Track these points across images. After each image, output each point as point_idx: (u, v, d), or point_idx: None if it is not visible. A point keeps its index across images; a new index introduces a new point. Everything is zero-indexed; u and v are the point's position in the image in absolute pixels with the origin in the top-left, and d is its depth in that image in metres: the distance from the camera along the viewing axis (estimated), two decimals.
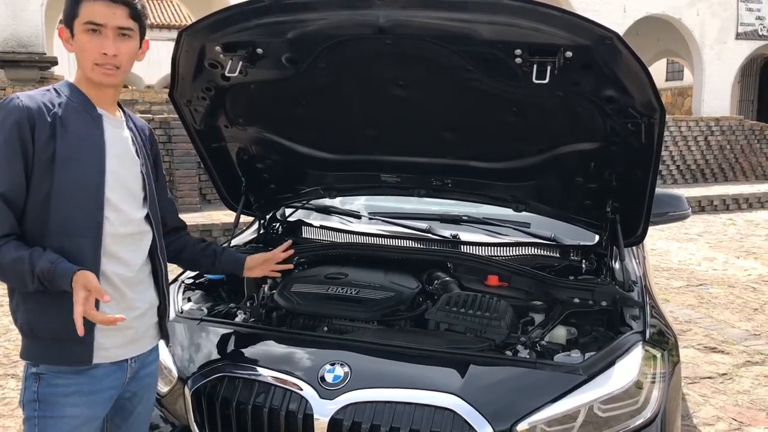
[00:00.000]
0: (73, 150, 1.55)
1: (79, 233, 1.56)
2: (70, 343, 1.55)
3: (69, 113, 1.58)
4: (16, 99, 1.55)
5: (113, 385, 1.68)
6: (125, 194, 1.67)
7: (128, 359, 1.71)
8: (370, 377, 1.89)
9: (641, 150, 2.11)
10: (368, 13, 1.92)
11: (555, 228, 2.78)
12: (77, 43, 1.59)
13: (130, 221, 1.67)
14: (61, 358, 1.58)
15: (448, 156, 2.54)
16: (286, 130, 2.59)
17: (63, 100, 1.60)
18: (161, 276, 1.80)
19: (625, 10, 14.46)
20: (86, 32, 1.57)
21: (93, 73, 1.60)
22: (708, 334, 4.79)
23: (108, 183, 1.61)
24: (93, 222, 1.58)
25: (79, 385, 1.60)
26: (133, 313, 1.68)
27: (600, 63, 1.87)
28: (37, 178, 1.53)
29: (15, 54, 10.30)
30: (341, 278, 2.44)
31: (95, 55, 1.57)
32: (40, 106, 1.55)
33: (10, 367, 4.00)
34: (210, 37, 2.11)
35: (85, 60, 1.59)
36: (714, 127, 13.64)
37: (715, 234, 9.14)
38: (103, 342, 1.62)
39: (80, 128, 1.58)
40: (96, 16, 1.56)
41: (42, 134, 1.52)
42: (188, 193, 9.18)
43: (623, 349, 1.97)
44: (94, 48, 1.57)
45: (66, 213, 1.54)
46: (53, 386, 1.58)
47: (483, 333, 2.14)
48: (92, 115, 1.63)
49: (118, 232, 1.64)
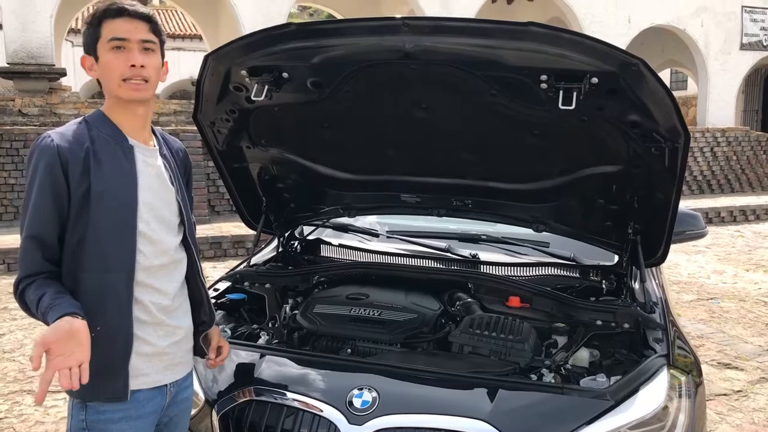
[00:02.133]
0: (107, 184, 1.56)
1: (112, 268, 1.56)
2: (105, 380, 1.56)
3: (101, 146, 1.58)
4: (47, 138, 1.55)
5: (155, 410, 1.69)
6: (159, 225, 1.66)
7: (167, 384, 1.72)
8: (398, 402, 1.89)
9: (664, 173, 2.12)
10: (395, 39, 1.94)
11: (574, 248, 2.78)
12: (103, 65, 1.59)
13: (164, 252, 1.67)
14: (97, 394, 1.58)
15: (469, 177, 2.55)
16: (308, 151, 2.60)
17: (95, 133, 1.59)
18: (204, 297, 1.82)
19: (629, 21, 14.50)
20: (111, 50, 1.57)
21: (121, 90, 1.59)
22: (721, 349, 4.78)
23: (141, 216, 1.61)
24: (126, 257, 1.58)
25: (125, 411, 1.61)
26: (171, 339, 1.69)
27: (625, 88, 1.89)
28: (75, 215, 1.53)
29: (24, 65, 10.36)
30: (363, 299, 2.45)
31: (123, 69, 1.57)
32: (72, 143, 1.55)
33: (26, 383, 4.01)
34: (236, 61, 2.14)
35: (113, 78, 1.58)
36: (720, 138, 13.64)
37: (724, 246, 9.13)
38: (142, 368, 1.63)
39: (112, 162, 1.58)
40: (119, 31, 1.57)
41: (75, 172, 1.53)
42: (197, 205, 9.19)
43: (649, 374, 1.97)
44: (120, 63, 1.57)
45: (100, 248, 1.55)
46: (100, 413, 1.59)
47: (507, 356, 2.15)
48: (123, 147, 1.62)
49: (152, 265, 1.64)
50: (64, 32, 14.26)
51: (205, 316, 1.83)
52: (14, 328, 5.17)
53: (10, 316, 5.50)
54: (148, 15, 1.61)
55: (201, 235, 7.92)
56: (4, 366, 4.32)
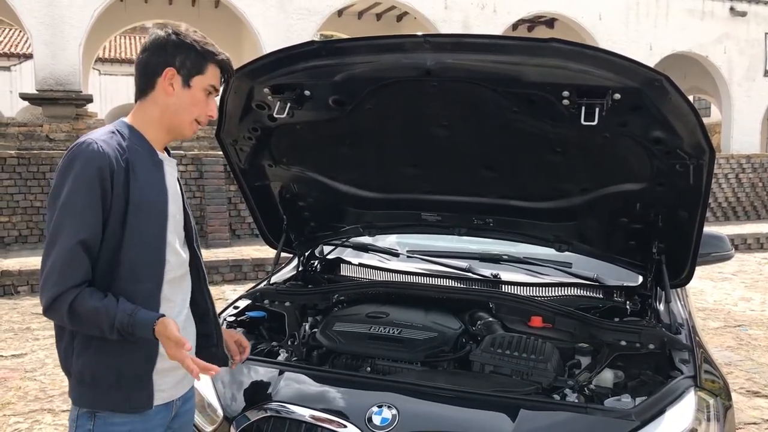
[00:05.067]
0: (143, 195, 1.57)
1: (143, 279, 1.57)
2: (131, 390, 1.57)
3: (137, 158, 1.59)
4: (94, 144, 1.52)
5: (161, 423, 1.69)
6: (178, 237, 1.68)
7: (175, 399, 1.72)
8: (418, 420, 1.86)
9: (689, 191, 2.09)
10: (416, 57, 1.95)
11: (596, 268, 2.74)
12: (190, 96, 1.62)
13: (183, 263, 1.69)
14: (122, 405, 1.58)
15: (490, 195, 2.54)
16: (329, 169, 2.61)
17: (129, 144, 1.60)
18: (210, 308, 1.81)
19: (651, 48, 14.49)
20: (205, 92, 1.64)
21: (189, 128, 1.66)
22: (750, 377, 4.66)
23: (169, 227, 1.62)
24: (157, 267, 1.59)
25: (133, 425, 1.60)
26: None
27: (649, 105, 1.87)
28: (113, 225, 1.52)
29: (53, 92, 10.61)
30: (382, 317, 2.43)
31: (203, 115, 1.65)
32: (116, 151, 1.54)
33: (46, 402, 4.02)
34: (259, 79, 2.16)
35: (188, 114, 1.63)
36: (745, 165, 13.49)
37: (751, 273, 8.95)
38: (160, 384, 1.63)
39: (147, 173, 1.60)
40: (217, 81, 1.66)
41: (119, 180, 1.52)
42: (219, 229, 9.27)
43: (675, 395, 1.92)
44: (207, 109, 1.65)
45: (133, 258, 1.55)
46: (109, 425, 1.58)
47: (529, 376, 2.11)
48: (154, 160, 1.64)
49: (175, 275, 1.65)
50: (92, 60, 14.61)
51: (210, 328, 1.81)
52: (36, 348, 5.21)
53: (32, 336, 5.55)
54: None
55: (222, 258, 7.96)
56: (26, 385, 4.35)
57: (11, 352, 5.12)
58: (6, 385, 4.37)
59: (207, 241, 8.76)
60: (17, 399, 4.09)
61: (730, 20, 15.10)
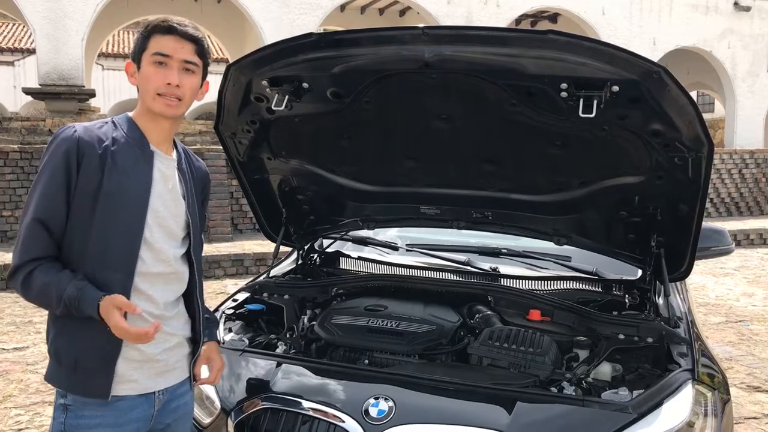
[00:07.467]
0: (119, 186, 1.57)
1: (113, 268, 1.57)
2: (88, 373, 1.56)
3: (121, 148, 1.60)
4: (70, 128, 1.58)
5: (139, 417, 1.65)
6: (164, 234, 1.66)
7: (155, 392, 1.68)
8: (414, 412, 1.86)
9: (688, 184, 2.08)
10: (414, 49, 1.95)
11: (596, 262, 2.74)
12: (142, 75, 1.63)
13: (164, 261, 1.66)
14: (76, 387, 1.58)
15: (489, 188, 2.53)
16: (328, 162, 2.61)
17: (118, 134, 1.62)
18: (198, 314, 1.78)
19: (654, 43, 14.46)
20: (153, 64, 1.62)
21: (154, 104, 1.63)
22: (750, 372, 4.66)
23: (147, 222, 1.61)
24: (128, 259, 1.59)
25: (103, 417, 1.59)
26: (162, 345, 1.67)
27: (647, 97, 1.86)
28: (79, 209, 1.55)
29: (56, 87, 10.63)
30: (381, 310, 2.43)
31: (159, 84, 1.61)
32: (93, 138, 1.57)
33: (47, 395, 4.03)
34: (257, 71, 2.16)
35: (148, 90, 1.63)
36: (748, 160, 13.43)
37: (753, 269, 8.93)
38: (131, 374, 1.61)
39: (129, 164, 1.60)
40: (164, 48, 1.62)
41: (89, 167, 1.55)
42: (220, 223, 9.28)
43: (673, 388, 1.92)
44: (158, 78, 1.61)
45: (103, 246, 1.56)
46: (80, 417, 1.58)
47: (527, 369, 2.11)
48: (144, 151, 1.65)
49: (150, 271, 1.63)
50: (95, 55, 14.64)
51: (195, 334, 1.79)
52: (38, 341, 5.23)
53: (34, 329, 5.57)
54: (195, 37, 1.65)
55: (224, 253, 7.98)
56: (27, 378, 4.37)
57: (13, 345, 5.14)
58: (8, 377, 4.39)
59: (209, 236, 8.77)
60: (19, 392, 4.11)
61: (734, 15, 15.05)
